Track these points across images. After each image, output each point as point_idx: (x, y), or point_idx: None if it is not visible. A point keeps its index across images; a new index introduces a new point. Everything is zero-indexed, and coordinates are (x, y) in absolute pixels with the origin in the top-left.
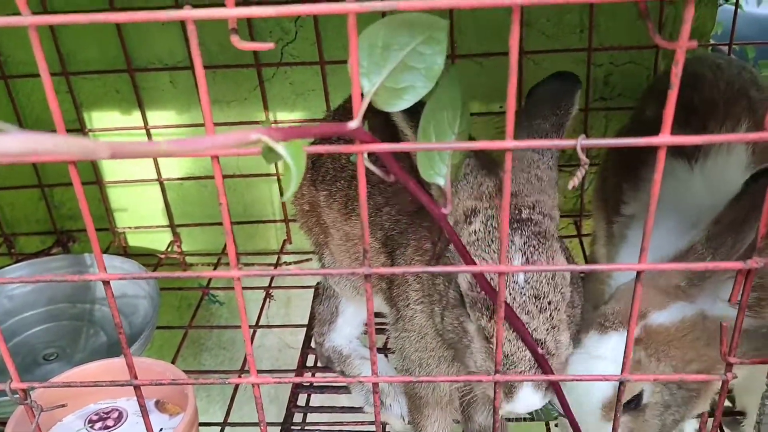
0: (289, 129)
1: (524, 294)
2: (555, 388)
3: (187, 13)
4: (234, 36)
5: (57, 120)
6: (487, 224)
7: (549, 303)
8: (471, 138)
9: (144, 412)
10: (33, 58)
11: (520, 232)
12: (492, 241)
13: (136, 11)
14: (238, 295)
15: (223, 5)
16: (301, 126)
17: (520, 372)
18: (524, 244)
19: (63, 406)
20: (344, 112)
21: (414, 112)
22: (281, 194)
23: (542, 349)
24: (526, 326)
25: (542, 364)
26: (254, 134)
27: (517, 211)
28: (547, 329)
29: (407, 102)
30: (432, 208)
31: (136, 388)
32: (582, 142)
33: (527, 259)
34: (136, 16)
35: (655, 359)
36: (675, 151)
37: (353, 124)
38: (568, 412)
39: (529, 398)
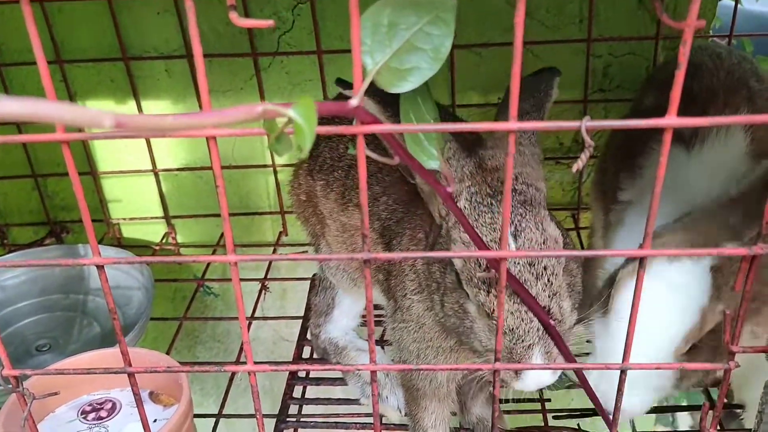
0: (291, 103)
1: (518, 263)
2: (569, 359)
3: None
4: (232, 12)
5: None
6: (472, 200)
7: (545, 268)
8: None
9: (138, 400)
10: (28, 46)
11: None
12: (479, 215)
13: None
14: (235, 281)
15: None
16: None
17: (529, 345)
18: (511, 213)
19: (56, 393)
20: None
21: (388, 103)
22: (277, 186)
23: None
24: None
25: (551, 332)
26: (260, 107)
27: (500, 184)
28: (549, 295)
29: (411, 84)
30: (437, 186)
31: (131, 376)
32: (587, 123)
33: (515, 227)
34: None
35: (728, 287)
36: (672, 138)
37: (354, 101)
38: (585, 385)
39: (539, 375)
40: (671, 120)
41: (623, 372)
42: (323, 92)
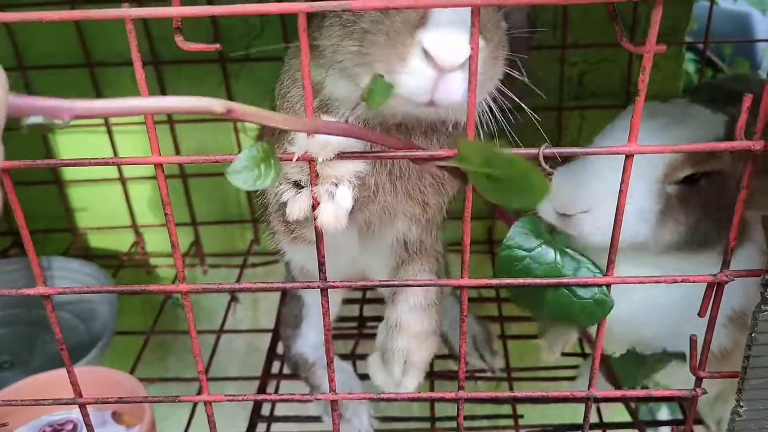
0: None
1: None
2: None
3: (126, 11)
4: (178, 36)
5: None
6: None
7: None
8: None
9: (90, 431)
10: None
11: None
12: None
13: (79, 9)
14: (187, 309)
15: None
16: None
17: None
18: None
19: (4, 425)
20: None
21: None
22: (248, 193)
23: None
24: None
25: None
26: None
27: None
28: None
29: None
30: None
31: (82, 407)
32: (544, 151)
33: None
34: (73, 15)
35: None
36: None
37: None
38: None
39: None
40: (632, 147)
41: (588, 399)
42: None
